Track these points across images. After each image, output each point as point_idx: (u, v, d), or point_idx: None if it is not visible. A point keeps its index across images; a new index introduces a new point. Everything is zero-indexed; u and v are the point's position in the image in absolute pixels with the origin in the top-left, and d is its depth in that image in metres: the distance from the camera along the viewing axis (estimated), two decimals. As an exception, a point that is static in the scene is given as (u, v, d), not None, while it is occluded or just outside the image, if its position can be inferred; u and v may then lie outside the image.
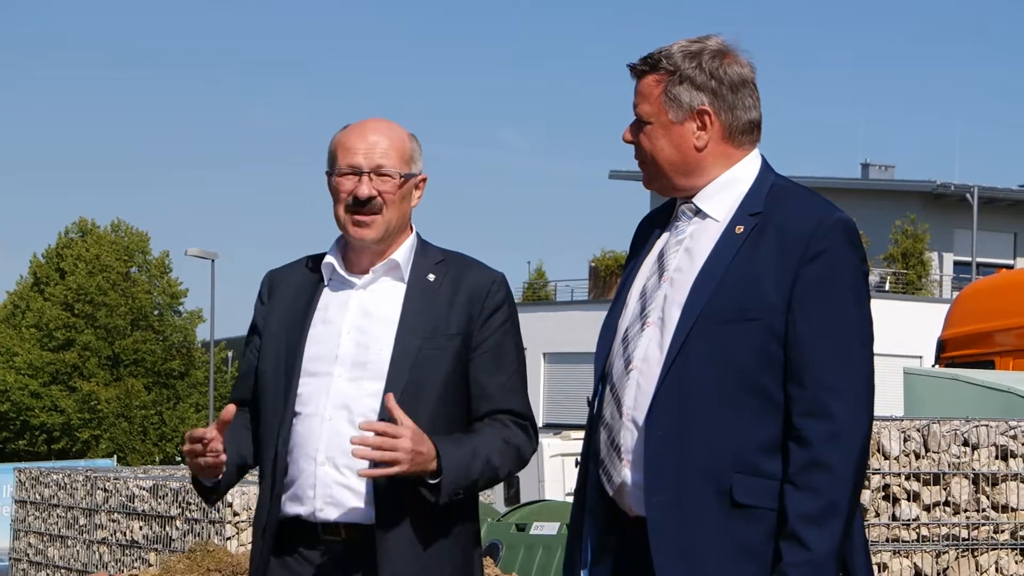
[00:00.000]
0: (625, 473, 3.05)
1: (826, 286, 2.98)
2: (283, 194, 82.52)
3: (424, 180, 3.56)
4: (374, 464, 3.29)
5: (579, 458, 3.26)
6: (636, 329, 3.10)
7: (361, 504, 3.37)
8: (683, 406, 2.99)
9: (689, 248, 3.10)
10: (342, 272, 3.51)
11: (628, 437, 3.05)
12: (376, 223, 3.47)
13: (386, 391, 3.37)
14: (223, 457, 3.35)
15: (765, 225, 3.04)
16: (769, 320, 2.97)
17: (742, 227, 3.06)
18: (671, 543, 2.97)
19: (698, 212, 3.14)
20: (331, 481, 3.38)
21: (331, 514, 3.38)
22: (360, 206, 3.46)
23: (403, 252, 3.52)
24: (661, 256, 3.15)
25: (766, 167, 3.16)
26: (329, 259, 3.53)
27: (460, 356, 3.44)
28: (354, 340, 3.44)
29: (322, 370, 3.43)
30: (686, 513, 2.97)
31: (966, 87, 73.29)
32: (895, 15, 72.96)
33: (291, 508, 3.41)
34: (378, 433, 3.26)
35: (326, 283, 3.52)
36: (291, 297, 3.54)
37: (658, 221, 3.25)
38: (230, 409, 3.33)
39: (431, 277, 3.49)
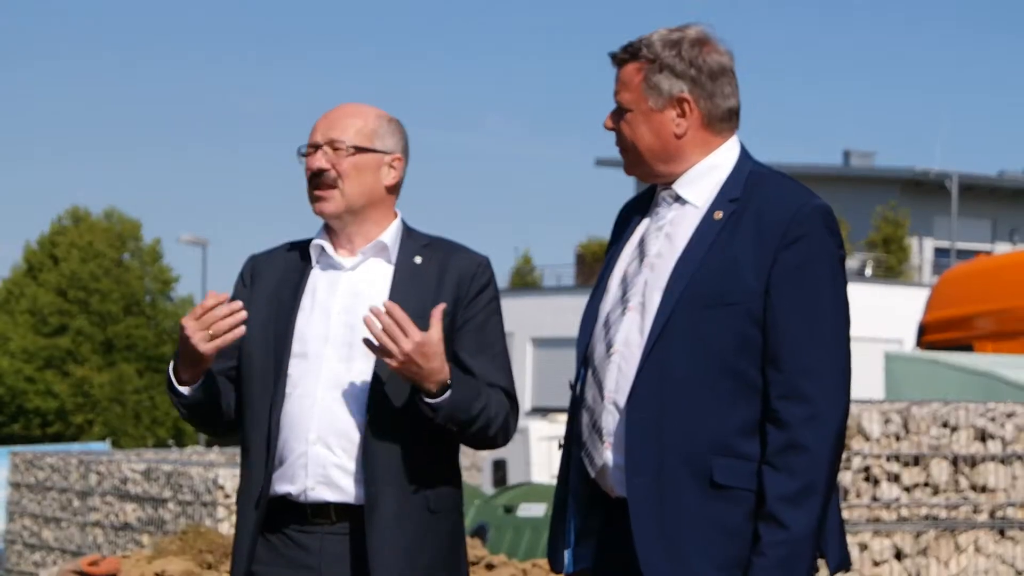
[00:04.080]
0: (607, 455, 3.09)
1: (804, 271, 3.01)
2: (274, 181, 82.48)
3: (399, 159, 3.54)
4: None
5: (562, 440, 3.28)
6: (617, 314, 3.13)
7: (352, 484, 3.38)
8: (663, 389, 3.02)
9: (669, 234, 3.14)
10: (331, 254, 3.52)
11: (610, 420, 3.08)
12: (333, 197, 3.48)
13: (375, 371, 3.38)
14: (242, 315, 3.34)
15: (744, 211, 3.07)
16: (748, 304, 3.01)
17: (721, 213, 3.08)
18: (652, 524, 3.01)
19: (678, 198, 3.16)
20: (323, 460, 3.38)
21: (321, 493, 3.39)
22: (316, 179, 3.48)
23: (390, 234, 3.52)
24: (642, 242, 3.18)
25: (744, 154, 3.18)
26: (318, 241, 3.53)
27: (446, 337, 3.43)
28: (344, 321, 3.44)
29: (312, 351, 3.43)
30: (666, 494, 3.01)
31: (947, 75, 73.29)
32: (876, 2, 72.97)
33: (281, 487, 3.41)
34: (395, 320, 3.28)
35: (315, 264, 3.52)
36: (277, 281, 3.53)
37: (638, 207, 3.27)
38: (212, 294, 3.34)
39: (418, 260, 3.50)
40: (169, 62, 74.33)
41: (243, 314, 3.34)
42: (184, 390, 3.43)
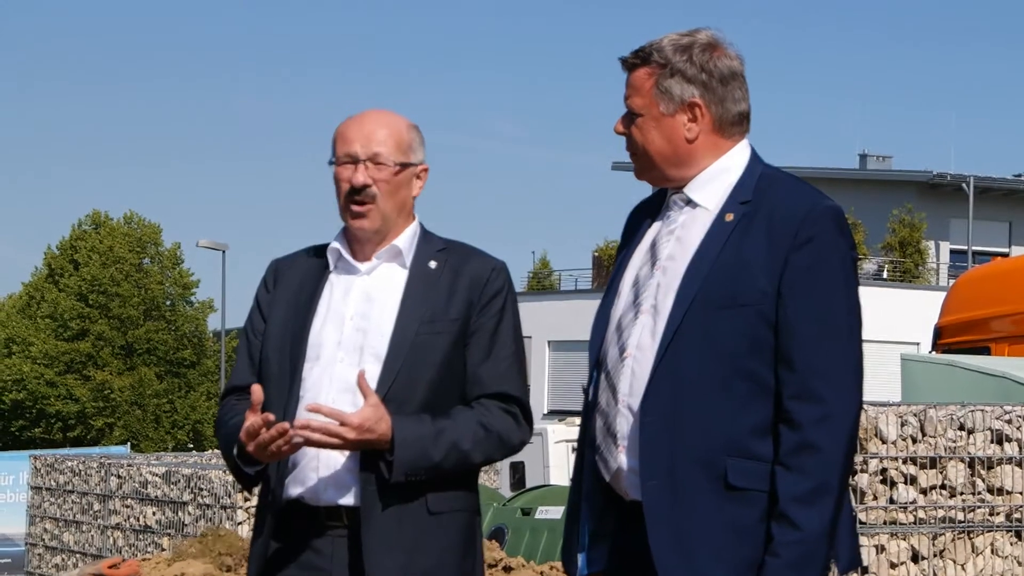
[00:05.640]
0: (621, 459, 3.10)
1: (815, 272, 3.02)
2: (292, 186, 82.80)
3: (425, 170, 3.56)
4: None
5: (576, 444, 3.27)
6: (630, 317, 3.14)
7: (359, 487, 3.39)
8: (677, 392, 3.03)
9: (681, 237, 3.14)
10: (348, 258, 3.52)
11: (623, 423, 3.09)
12: (372, 212, 3.49)
13: (382, 376, 3.39)
14: (291, 432, 3.34)
15: (755, 213, 3.08)
16: (759, 306, 3.02)
17: (732, 215, 3.09)
18: (666, 527, 3.02)
19: (689, 202, 3.17)
20: (333, 464, 3.40)
21: (333, 496, 3.40)
22: (356, 194, 3.49)
23: (405, 239, 3.53)
24: (653, 245, 3.18)
25: (755, 157, 3.18)
26: (335, 245, 3.54)
27: (458, 342, 3.46)
28: (356, 326, 3.46)
29: (326, 355, 3.44)
30: (681, 497, 3.02)
31: (962, 78, 73.32)
32: (892, 6, 72.87)
33: (294, 490, 3.43)
34: (326, 416, 3.29)
35: (332, 269, 3.54)
36: (296, 285, 3.56)
37: (649, 210, 3.28)
38: (258, 389, 3.34)
39: (432, 264, 3.51)
40: (188, 69, 74.61)
41: (291, 435, 3.33)
42: (250, 470, 3.47)
